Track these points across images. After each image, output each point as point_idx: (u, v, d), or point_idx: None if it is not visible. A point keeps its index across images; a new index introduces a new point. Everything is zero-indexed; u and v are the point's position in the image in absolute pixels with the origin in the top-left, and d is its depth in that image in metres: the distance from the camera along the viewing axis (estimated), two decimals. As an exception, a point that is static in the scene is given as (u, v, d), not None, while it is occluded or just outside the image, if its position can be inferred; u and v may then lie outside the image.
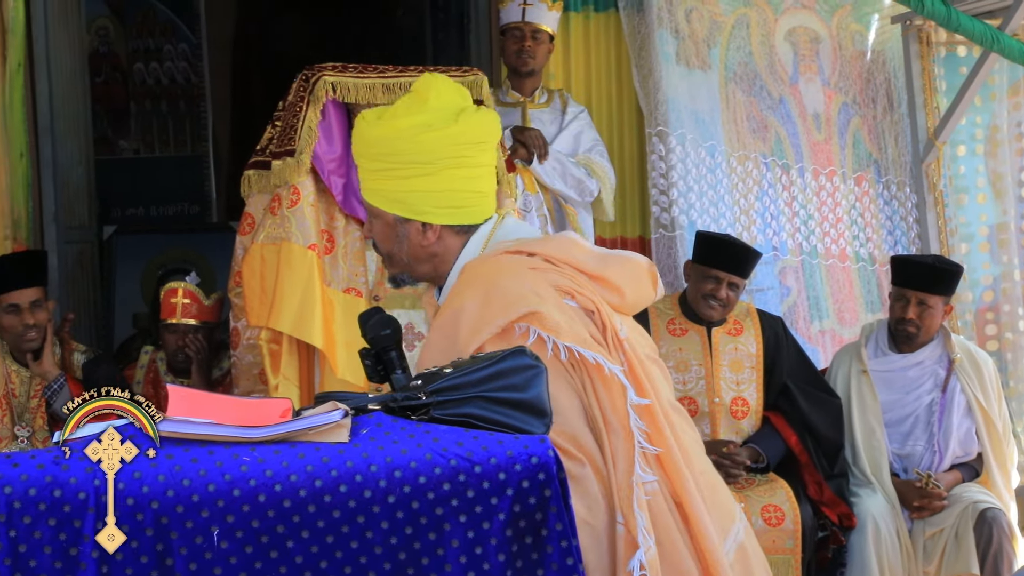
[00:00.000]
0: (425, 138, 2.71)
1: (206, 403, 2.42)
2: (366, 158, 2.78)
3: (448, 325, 2.65)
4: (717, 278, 4.62)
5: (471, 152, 2.75)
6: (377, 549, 2.28)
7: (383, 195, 2.76)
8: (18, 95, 5.08)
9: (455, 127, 2.72)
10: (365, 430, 2.37)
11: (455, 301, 2.66)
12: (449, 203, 2.75)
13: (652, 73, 5.47)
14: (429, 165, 2.71)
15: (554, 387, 2.49)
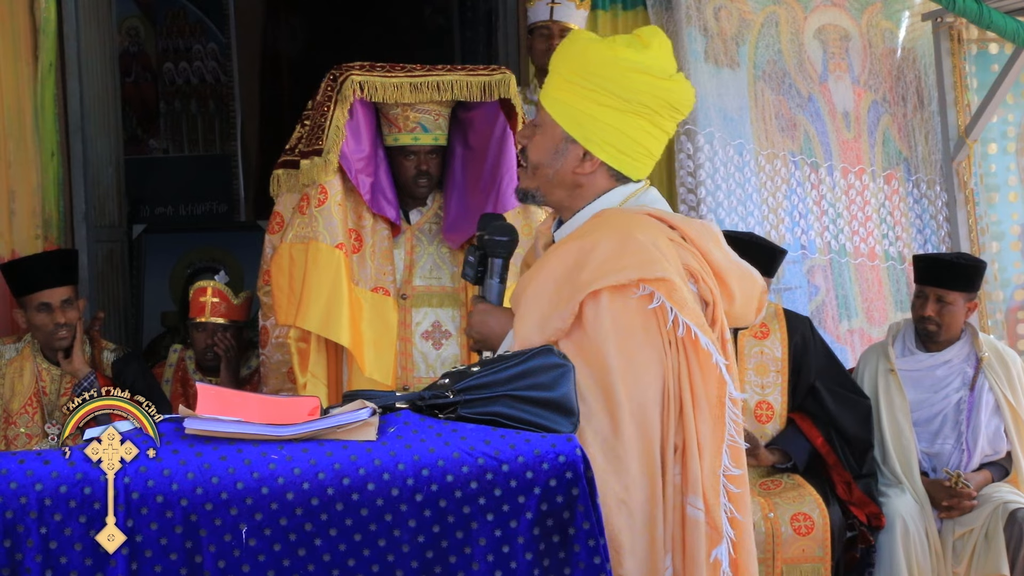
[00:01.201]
0: (637, 77, 2.68)
1: (235, 401, 2.43)
2: (568, 69, 2.72)
3: (572, 255, 2.60)
4: None
5: (664, 112, 2.72)
6: (404, 547, 2.29)
7: (566, 109, 2.71)
8: (49, 95, 5.11)
9: (666, 82, 2.71)
10: (393, 428, 2.38)
11: (587, 238, 2.62)
12: (621, 146, 2.71)
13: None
14: (626, 103, 2.68)
15: (644, 358, 2.51)
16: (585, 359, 2.53)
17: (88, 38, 5.41)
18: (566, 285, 2.56)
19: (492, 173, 4.29)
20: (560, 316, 2.55)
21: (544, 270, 2.63)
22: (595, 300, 2.55)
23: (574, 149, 2.71)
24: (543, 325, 2.57)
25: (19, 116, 5.07)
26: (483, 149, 4.33)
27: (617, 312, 2.54)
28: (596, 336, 2.54)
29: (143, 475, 2.23)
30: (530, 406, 2.45)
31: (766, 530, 4.28)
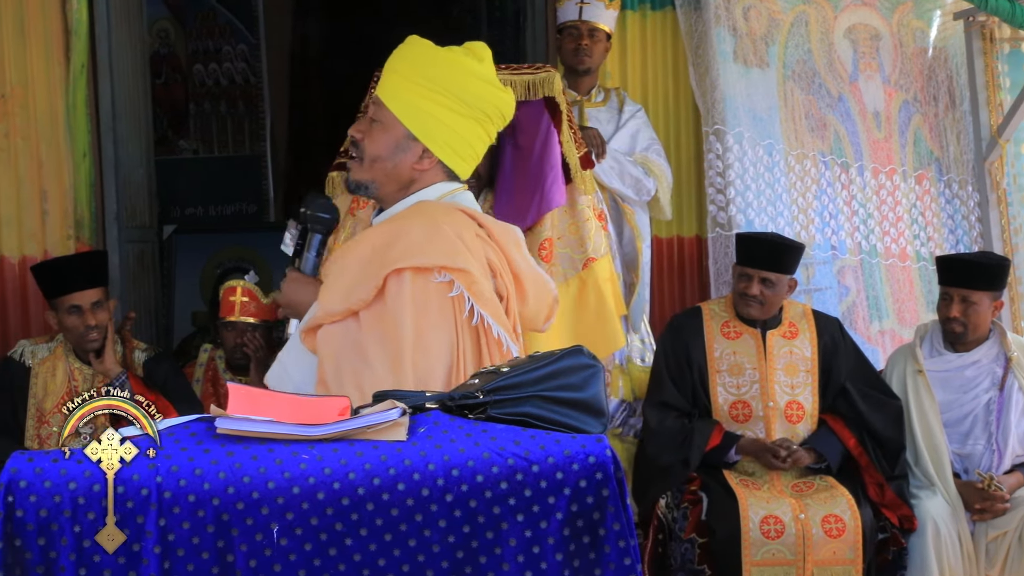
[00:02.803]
0: (479, 85, 2.87)
1: (266, 401, 2.44)
2: (413, 72, 2.85)
3: (382, 236, 2.75)
4: (748, 275, 4.59)
5: (496, 120, 2.92)
6: (435, 547, 2.29)
7: (410, 109, 2.83)
8: (81, 96, 5.15)
9: (501, 93, 2.91)
10: (423, 428, 2.38)
11: (399, 222, 2.79)
12: (457, 147, 2.87)
13: (709, 71, 5.44)
14: (467, 108, 2.85)
15: (436, 337, 2.68)
16: (381, 329, 2.68)
17: (119, 40, 5.43)
18: (374, 261, 2.71)
19: (537, 171, 4.29)
20: (365, 288, 2.69)
21: (355, 248, 2.78)
22: (399, 277, 2.69)
23: (415, 146, 2.84)
24: (348, 295, 2.70)
25: (51, 117, 5.11)
26: (529, 147, 4.33)
27: (417, 292, 2.70)
28: (395, 309, 2.68)
29: (175, 474, 2.24)
30: (560, 407, 2.45)
31: (797, 532, 4.25)
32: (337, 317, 2.71)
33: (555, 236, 4.35)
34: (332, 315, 2.71)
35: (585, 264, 4.36)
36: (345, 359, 2.68)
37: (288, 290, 2.88)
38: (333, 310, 2.71)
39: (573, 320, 4.33)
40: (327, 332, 2.71)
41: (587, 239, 4.37)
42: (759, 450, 4.50)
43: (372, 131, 2.86)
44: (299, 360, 2.78)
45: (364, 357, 2.68)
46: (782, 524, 4.26)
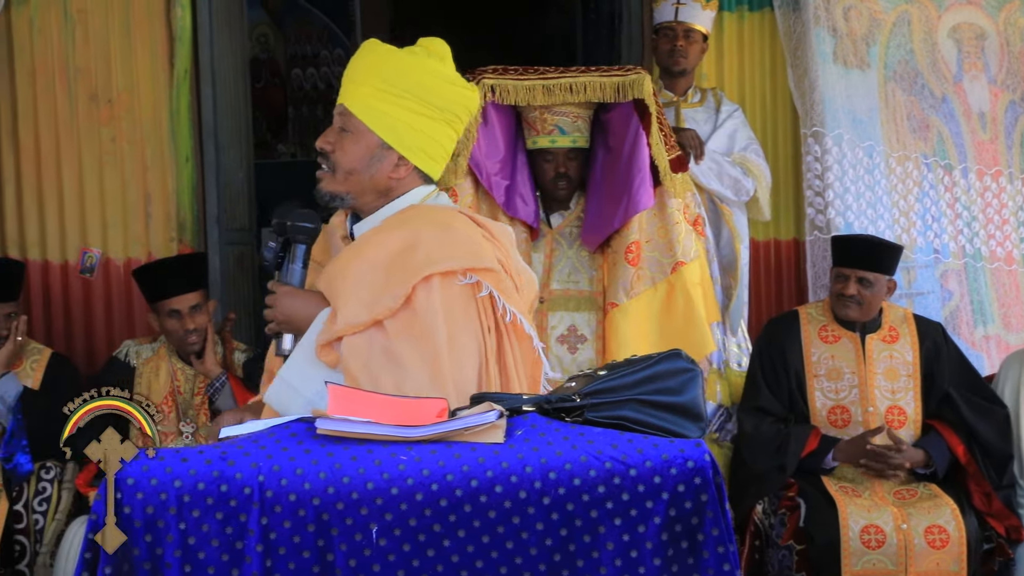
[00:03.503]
0: (444, 86, 2.83)
1: (364, 402, 2.46)
2: (379, 79, 2.79)
3: (394, 243, 2.70)
4: (845, 275, 4.51)
5: (464, 118, 2.88)
6: (532, 550, 2.29)
7: (381, 118, 2.78)
8: (184, 101, 5.25)
9: (466, 91, 2.87)
10: (520, 431, 2.38)
11: (404, 228, 2.74)
12: (430, 151, 2.83)
13: (808, 72, 5.38)
14: (436, 111, 2.81)
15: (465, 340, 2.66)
16: (413, 336, 2.63)
17: (221, 45, 5.52)
18: (396, 269, 2.65)
19: (625, 174, 4.28)
20: (392, 296, 2.63)
21: (362, 257, 2.71)
22: (427, 284, 2.66)
23: (389, 155, 2.79)
24: (372, 305, 2.64)
25: (155, 122, 5.22)
26: (619, 150, 4.32)
27: (445, 296, 2.67)
28: (426, 316, 2.64)
29: (276, 474, 2.27)
30: (657, 410, 2.44)
31: (898, 541, 4.16)
32: (360, 328, 2.63)
33: (643, 239, 4.33)
34: (355, 326, 2.63)
35: (674, 268, 4.33)
36: (380, 368, 2.61)
37: (285, 305, 2.75)
38: (356, 321, 2.63)
39: (661, 324, 4.30)
40: (352, 344, 2.63)
41: (676, 242, 4.33)
42: (860, 452, 4.39)
43: (343, 142, 2.80)
44: (307, 376, 2.68)
45: (400, 364, 2.61)
46: (883, 534, 4.18)
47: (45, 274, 5.20)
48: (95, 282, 5.23)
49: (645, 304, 4.30)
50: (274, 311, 2.75)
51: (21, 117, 5.14)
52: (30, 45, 5.13)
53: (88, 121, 5.17)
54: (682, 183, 4.40)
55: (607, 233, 4.34)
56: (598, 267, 4.40)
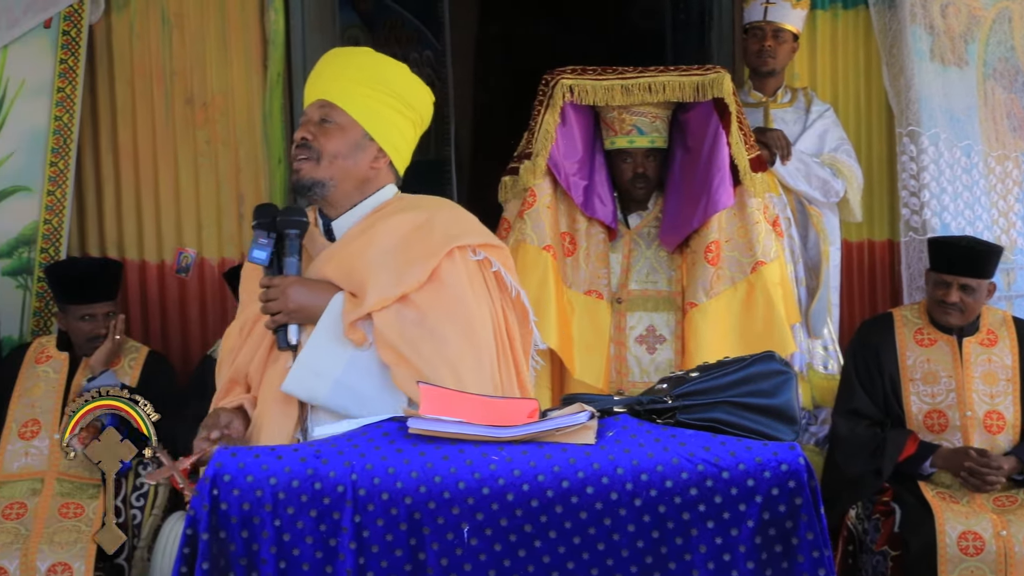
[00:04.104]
0: (417, 88, 3.02)
1: (456, 402, 2.47)
2: (364, 76, 2.95)
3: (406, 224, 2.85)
4: (946, 282, 4.41)
5: (425, 123, 3.06)
6: (623, 552, 2.29)
7: (367, 112, 2.92)
8: (277, 104, 5.31)
9: (431, 98, 3.05)
10: (611, 432, 2.38)
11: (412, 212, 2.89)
12: (400, 148, 2.99)
13: (904, 71, 5.29)
14: (411, 111, 2.99)
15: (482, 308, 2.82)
16: (445, 307, 2.78)
17: (313, 48, 5.57)
18: (416, 245, 2.81)
19: (704, 173, 4.25)
20: (421, 269, 2.78)
21: (376, 242, 2.83)
22: (450, 257, 2.82)
23: (371, 146, 2.92)
24: (400, 280, 2.77)
25: (249, 124, 5.29)
26: (698, 150, 4.29)
27: (467, 269, 2.84)
28: (454, 286, 2.80)
29: (369, 472, 2.29)
30: (750, 413, 2.42)
31: (998, 549, 4.07)
32: (389, 302, 2.75)
33: (722, 239, 4.29)
34: (387, 299, 2.76)
35: (754, 267, 4.29)
36: (418, 338, 2.73)
37: (294, 294, 2.81)
38: (388, 295, 2.76)
39: (740, 324, 4.26)
40: (384, 318, 2.75)
41: (756, 242, 4.29)
42: (958, 466, 4.30)
43: (327, 132, 2.90)
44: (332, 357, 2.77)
45: (436, 334, 2.74)
46: (982, 541, 4.09)
47: (142, 274, 5.30)
48: (190, 282, 5.32)
49: (725, 304, 4.27)
50: (282, 302, 2.81)
51: (120, 120, 5.25)
52: (129, 49, 5.23)
53: (184, 123, 5.25)
54: (761, 183, 4.36)
55: (686, 233, 4.32)
56: (676, 267, 4.38)
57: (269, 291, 2.82)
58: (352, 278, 2.82)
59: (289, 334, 2.83)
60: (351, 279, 2.82)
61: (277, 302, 2.81)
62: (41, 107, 5.13)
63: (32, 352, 4.72)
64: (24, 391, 4.60)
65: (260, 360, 2.89)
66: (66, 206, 5.14)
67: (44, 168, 5.13)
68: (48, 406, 4.56)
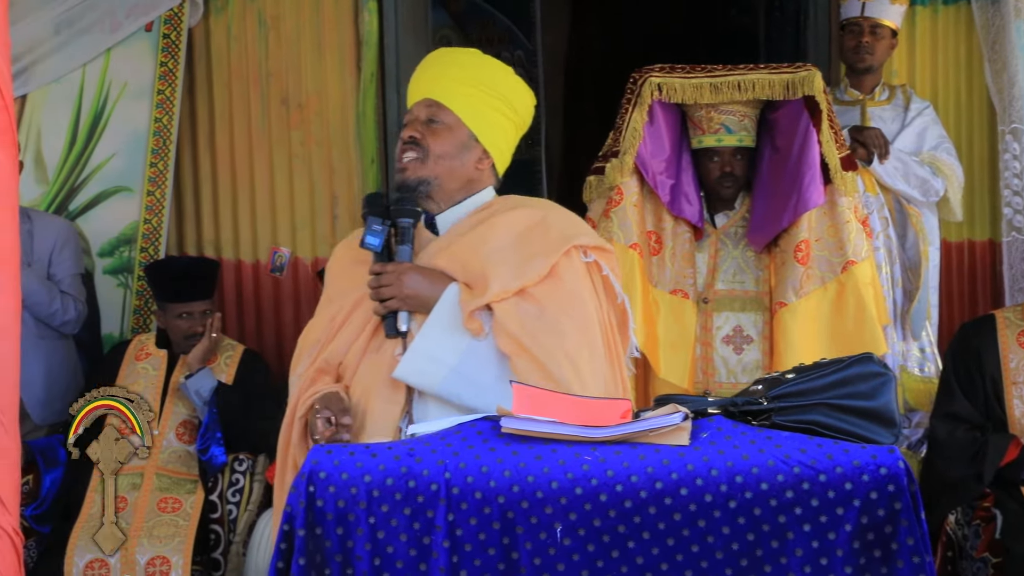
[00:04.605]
0: (521, 91, 3.03)
1: (549, 402, 2.47)
2: (471, 77, 2.97)
3: (521, 222, 2.88)
4: None
5: (526, 126, 3.07)
6: (718, 554, 2.27)
7: (474, 114, 2.94)
8: (371, 104, 5.35)
9: (533, 99, 3.07)
10: (705, 434, 2.36)
11: (525, 209, 2.93)
12: (504, 150, 3.01)
13: (1007, 67, 5.18)
14: (513, 114, 3.00)
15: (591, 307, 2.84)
16: (561, 301, 2.81)
17: (406, 49, 5.61)
18: (535, 242, 2.85)
19: (795, 172, 4.21)
20: (542, 264, 2.81)
21: (492, 237, 2.86)
22: (568, 255, 2.85)
23: (476, 148, 2.94)
24: (520, 273, 2.80)
25: (343, 125, 5.34)
26: (787, 148, 4.25)
27: (583, 269, 2.87)
28: (572, 283, 2.84)
29: (463, 471, 2.30)
30: (848, 415, 2.39)
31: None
32: (510, 294, 2.77)
33: (812, 238, 4.24)
34: (507, 291, 2.78)
35: (844, 267, 4.23)
36: (539, 330, 2.75)
37: (411, 281, 2.82)
38: (509, 287, 2.78)
39: (831, 324, 4.21)
40: (504, 309, 2.77)
41: (847, 241, 4.24)
42: None
43: (435, 131, 2.91)
44: (448, 345, 2.78)
45: (556, 328, 2.76)
46: (1088, 548, 3.99)
47: (238, 273, 5.38)
48: (284, 281, 5.39)
49: (815, 304, 4.22)
50: (397, 288, 2.82)
51: (218, 121, 5.33)
52: (227, 51, 5.31)
53: (279, 124, 5.32)
54: (852, 181, 4.30)
55: (775, 232, 4.27)
56: (764, 267, 4.34)
57: (382, 276, 2.83)
58: (467, 270, 2.84)
59: (399, 321, 2.83)
60: (466, 271, 2.84)
61: (391, 288, 2.82)
62: (142, 109, 5.24)
63: (132, 349, 4.81)
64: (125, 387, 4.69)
65: (358, 350, 2.88)
66: (165, 206, 5.24)
67: (144, 169, 5.24)
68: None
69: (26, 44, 5.08)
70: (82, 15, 5.17)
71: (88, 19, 5.18)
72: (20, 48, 4.99)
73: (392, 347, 2.83)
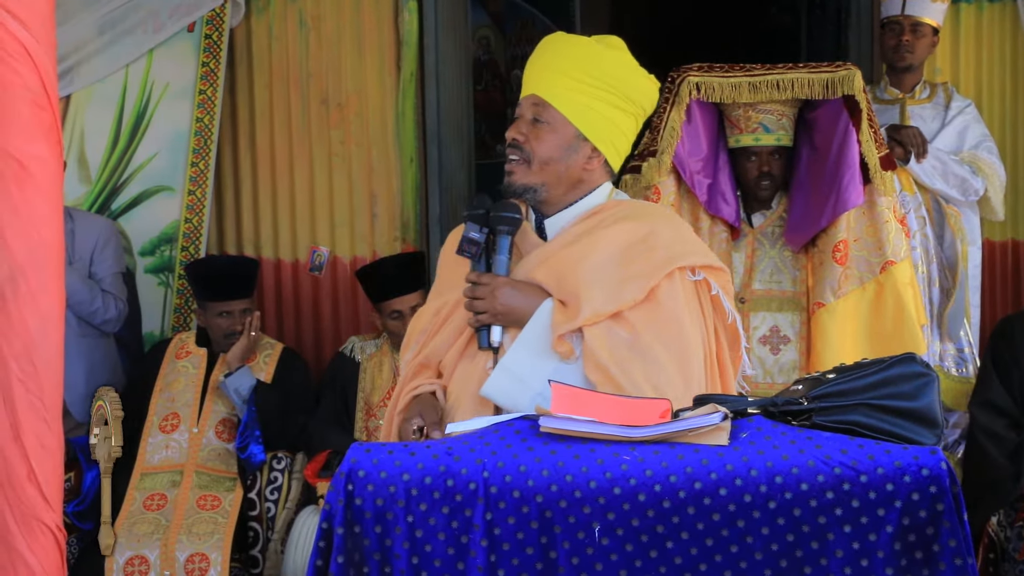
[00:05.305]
0: (638, 79, 2.85)
1: (587, 401, 2.46)
2: (578, 70, 2.80)
3: (625, 236, 2.73)
4: None
5: (647, 112, 2.90)
6: (757, 555, 2.25)
7: (580, 110, 2.79)
8: (410, 104, 5.37)
9: (654, 85, 2.90)
10: (745, 434, 2.34)
11: (635, 221, 2.77)
12: (618, 144, 2.85)
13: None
14: (629, 103, 2.84)
15: (695, 331, 2.71)
16: (660, 330, 2.67)
17: (446, 49, 5.62)
18: (636, 261, 2.70)
19: (833, 171, 4.19)
20: (638, 288, 2.67)
21: (594, 252, 2.72)
22: (670, 277, 2.71)
23: (584, 146, 2.80)
24: (616, 296, 2.67)
25: (382, 124, 5.36)
26: (826, 148, 4.22)
27: (684, 289, 2.73)
28: (671, 308, 2.69)
29: (501, 470, 2.29)
30: (890, 416, 2.36)
31: None
32: (604, 317, 2.66)
33: (851, 238, 4.22)
34: (601, 315, 2.66)
35: (883, 267, 4.21)
36: (627, 359, 2.64)
37: (505, 296, 2.72)
38: (603, 311, 2.66)
39: (869, 325, 4.19)
40: (595, 334, 2.66)
41: (886, 242, 4.21)
42: None
43: (539, 132, 2.79)
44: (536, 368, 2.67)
45: (649, 357, 2.65)
46: None
47: (277, 272, 5.41)
48: (323, 279, 5.41)
49: (853, 304, 4.20)
50: (491, 302, 2.73)
51: (258, 121, 5.36)
52: (268, 52, 5.34)
53: (319, 124, 5.35)
54: (891, 181, 4.27)
55: (813, 232, 4.25)
56: (801, 267, 4.32)
57: (477, 288, 2.74)
58: (563, 285, 2.72)
59: (492, 334, 2.75)
60: (562, 286, 2.73)
61: (484, 302, 2.73)
62: (184, 109, 5.27)
63: (172, 348, 4.85)
64: (165, 386, 4.72)
65: (456, 351, 2.81)
66: (206, 206, 5.28)
67: (186, 169, 5.27)
68: (187, 400, 4.68)
69: (71, 45, 5.12)
70: (125, 16, 5.21)
71: (131, 20, 5.22)
72: (65, 49, 5.04)
73: (485, 358, 2.76)
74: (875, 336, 4.17)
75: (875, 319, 4.21)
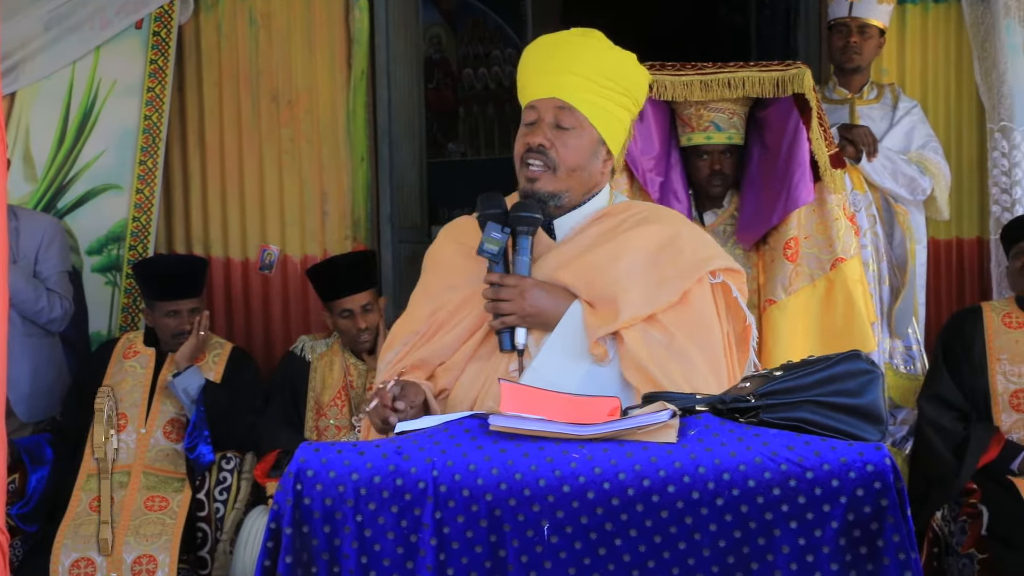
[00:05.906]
0: (638, 76, 2.82)
1: (537, 399, 2.46)
2: (592, 71, 2.73)
3: (653, 240, 2.72)
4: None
5: (639, 107, 2.86)
6: (705, 551, 2.26)
7: (599, 112, 2.73)
8: (361, 102, 5.35)
9: (648, 79, 2.88)
10: (693, 431, 2.36)
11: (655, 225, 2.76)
12: (623, 143, 2.85)
13: (996, 66, 5.19)
14: (630, 100, 2.80)
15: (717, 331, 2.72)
16: (692, 330, 2.67)
17: (397, 47, 5.61)
18: (667, 264, 2.69)
19: (784, 169, 4.22)
20: (672, 291, 2.67)
21: (623, 255, 2.70)
22: (700, 281, 2.72)
23: (602, 150, 2.77)
24: (653, 297, 2.67)
25: (333, 123, 5.34)
26: (777, 146, 4.26)
27: (711, 293, 2.74)
28: (703, 311, 2.71)
29: (450, 469, 2.29)
30: (836, 412, 2.38)
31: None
32: (640, 320, 2.64)
33: (801, 235, 4.26)
34: (638, 318, 2.64)
35: (833, 264, 4.26)
36: (667, 360, 2.62)
37: (535, 298, 2.67)
38: (640, 314, 2.65)
39: (820, 321, 4.24)
40: (633, 337, 2.64)
41: (836, 239, 4.26)
42: None
43: (564, 140, 2.71)
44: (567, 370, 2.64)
45: (684, 358, 2.64)
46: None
47: (227, 271, 5.37)
48: (273, 278, 5.38)
49: (804, 301, 4.24)
50: (518, 304, 2.65)
51: (207, 119, 5.32)
52: (218, 49, 5.30)
53: (269, 122, 5.32)
54: (841, 179, 4.31)
55: (764, 229, 4.28)
56: (753, 265, 4.35)
57: (502, 290, 2.66)
58: (593, 289, 2.68)
59: (518, 336, 2.68)
60: (591, 289, 2.68)
61: (512, 303, 2.66)
62: (131, 107, 5.23)
63: (120, 347, 4.80)
64: (112, 386, 4.68)
65: (465, 353, 2.73)
66: (154, 204, 5.24)
67: (133, 167, 5.23)
68: (135, 400, 4.64)
69: (16, 41, 5.06)
70: (72, 12, 5.15)
71: (78, 16, 5.17)
72: (10, 45, 4.98)
73: (504, 360, 2.70)
74: (825, 333, 4.21)
75: (825, 316, 4.25)
